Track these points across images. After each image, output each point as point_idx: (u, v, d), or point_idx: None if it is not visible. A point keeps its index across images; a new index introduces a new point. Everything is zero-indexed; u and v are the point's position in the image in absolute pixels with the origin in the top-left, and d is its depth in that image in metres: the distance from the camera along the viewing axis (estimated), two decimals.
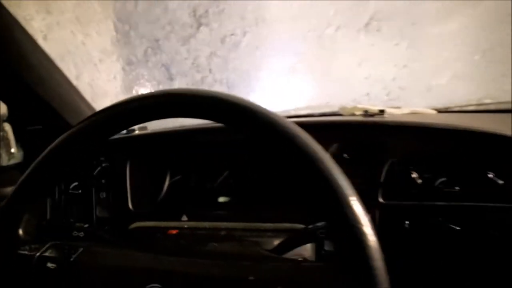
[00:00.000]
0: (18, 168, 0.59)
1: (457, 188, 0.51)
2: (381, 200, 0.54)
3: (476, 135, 0.49)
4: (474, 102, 0.81)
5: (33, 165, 0.35)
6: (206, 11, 0.97)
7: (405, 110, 0.70)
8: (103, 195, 0.58)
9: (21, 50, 0.51)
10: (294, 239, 0.49)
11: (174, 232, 0.54)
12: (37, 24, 0.46)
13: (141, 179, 0.61)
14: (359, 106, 0.64)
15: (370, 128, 0.56)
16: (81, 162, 0.57)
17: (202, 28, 0.99)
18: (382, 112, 0.61)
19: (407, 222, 0.52)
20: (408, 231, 0.52)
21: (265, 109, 0.31)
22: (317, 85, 1.13)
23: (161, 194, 0.61)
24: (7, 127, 0.56)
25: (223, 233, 0.53)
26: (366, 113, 0.61)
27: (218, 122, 0.31)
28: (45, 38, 0.49)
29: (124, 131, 0.60)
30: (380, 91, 1.07)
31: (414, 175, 0.52)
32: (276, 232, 0.51)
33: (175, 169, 0.63)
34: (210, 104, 0.30)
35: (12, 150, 0.57)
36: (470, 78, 1.01)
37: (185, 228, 0.55)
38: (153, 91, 0.36)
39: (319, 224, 0.45)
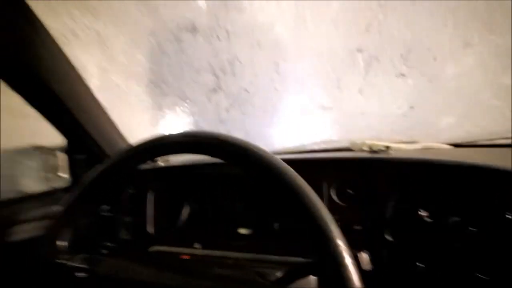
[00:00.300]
0: (67, 190, 0.68)
1: (472, 229, 0.47)
2: (388, 238, 0.53)
3: (487, 172, 0.46)
4: (496, 136, 0.75)
5: (76, 190, 0.44)
6: (224, 68, 1.13)
7: (417, 146, 0.69)
8: (128, 219, 0.64)
9: (79, 96, 0.63)
10: (294, 272, 0.51)
11: (185, 257, 0.58)
12: (94, 80, 0.59)
13: (161, 207, 0.66)
14: (368, 142, 0.64)
15: (372, 165, 0.56)
16: (112, 188, 0.64)
17: (221, 82, 1.14)
18: (387, 148, 0.61)
19: (421, 264, 0.50)
20: (422, 273, 0.50)
21: (256, 147, 0.36)
22: (330, 125, 1.19)
23: (179, 222, 0.65)
24: (63, 156, 0.68)
25: (229, 261, 0.56)
26: (371, 149, 0.62)
27: (217, 158, 0.37)
28: (99, 89, 0.63)
29: (149, 163, 0.68)
30: (391, 128, 1.09)
31: (423, 213, 0.51)
32: (281, 264, 0.52)
33: (193, 199, 0.66)
34: (208, 143, 0.37)
35: (64, 175, 0.68)
36: (485, 114, 1.00)
37: (197, 254, 0.59)
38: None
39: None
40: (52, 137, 0.65)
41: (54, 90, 0.56)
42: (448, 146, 0.71)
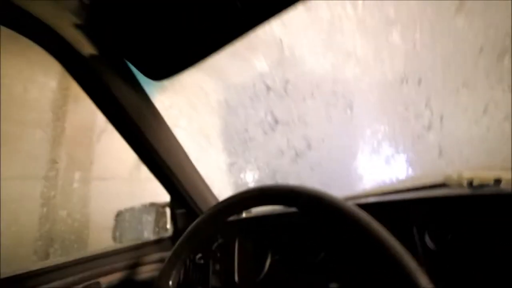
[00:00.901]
0: (170, 239, 0.82)
1: None
2: None
3: None
4: None
5: (179, 241, 0.54)
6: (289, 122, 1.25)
7: None
8: (217, 267, 0.71)
9: (179, 161, 0.79)
10: None
11: None
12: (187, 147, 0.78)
13: (246, 255, 0.69)
14: (467, 174, 0.52)
15: (472, 202, 0.47)
16: (207, 238, 0.74)
17: (297, 159, 1.26)
18: (498, 181, 0.48)
19: None
20: None
21: (333, 197, 0.37)
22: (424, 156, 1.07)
23: (263, 271, 0.65)
24: (167, 210, 0.84)
25: None
26: (473, 183, 0.50)
27: (291, 207, 0.41)
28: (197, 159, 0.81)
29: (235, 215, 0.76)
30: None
31: None
32: None
33: (277, 249, 0.66)
34: (285, 195, 0.41)
35: (168, 226, 0.83)
36: None
37: None
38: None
39: None
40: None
41: (161, 157, 0.73)
42: None
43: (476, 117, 0.96)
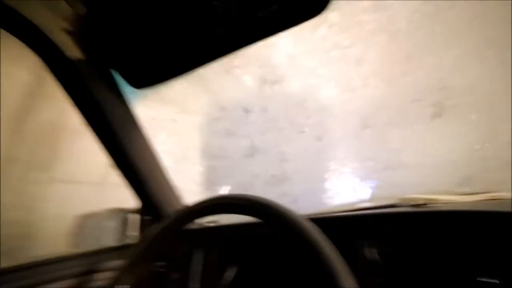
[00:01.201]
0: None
1: None
2: None
3: None
4: None
5: (136, 246, 0.53)
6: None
7: (478, 197, 0.61)
8: (177, 275, 0.69)
9: (153, 170, 0.79)
10: None
11: None
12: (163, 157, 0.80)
13: (209, 265, 0.68)
14: (410, 196, 0.60)
15: (412, 220, 0.52)
16: (169, 246, 0.73)
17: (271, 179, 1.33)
18: (429, 200, 0.57)
19: None
20: None
21: (282, 206, 0.40)
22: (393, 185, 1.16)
23: (225, 282, 0.65)
24: (133, 217, 0.82)
25: None
26: (414, 203, 0.58)
27: (254, 217, 0.44)
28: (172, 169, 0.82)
29: (199, 223, 0.76)
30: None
31: (484, 279, 0.42)
32: None
33: (239, 259, 0.67)
34: (244, 204, 0.44)
35: (134, 233, 0.81)
36: None
37: None
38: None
39: None
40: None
41: (135, 162, 0.73)
42: None
43: (430, 154, 1.09)
